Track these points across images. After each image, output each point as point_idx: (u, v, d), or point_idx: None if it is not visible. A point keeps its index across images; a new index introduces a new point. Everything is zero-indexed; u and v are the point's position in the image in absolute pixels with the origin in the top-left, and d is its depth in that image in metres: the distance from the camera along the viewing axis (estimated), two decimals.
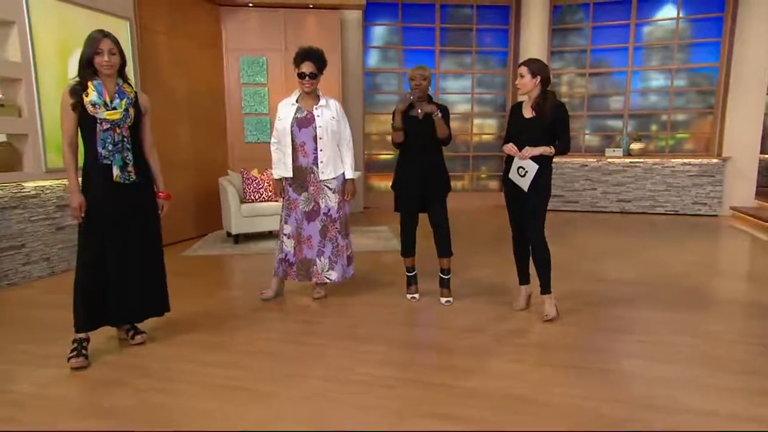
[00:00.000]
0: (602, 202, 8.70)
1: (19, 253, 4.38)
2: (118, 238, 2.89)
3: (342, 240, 3.92)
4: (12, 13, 4.31)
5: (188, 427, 2.22)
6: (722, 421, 2.24)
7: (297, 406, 2.41)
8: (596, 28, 9.03)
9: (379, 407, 2.38)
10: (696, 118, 8.87)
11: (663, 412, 2.32)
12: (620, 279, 4.56)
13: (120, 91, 2.86)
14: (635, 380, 2.66)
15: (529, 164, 3.35)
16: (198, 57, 6.61)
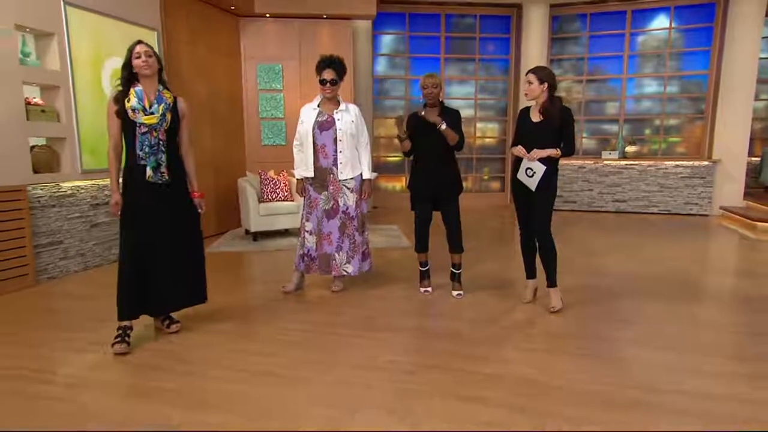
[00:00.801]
0: (599, 202, 8.76)
1: (57, 248, 4.45)
2: (155, 233, 2.95)
3: (359, 236, 3.97)
4: (52, 25, 4.38)
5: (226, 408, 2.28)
6: (720, 403, 2.30)
7: (328, 390, 2.46)
8: (593, 37, 9.09)
9: (404, 390, 2.44)
10: (687, 122, 8.93)
11: (665, 394, 2.38)
12: (619, 274, 4.62)
13: (159, 96, 2.93)
14: (637, 365, 2.71)
15: (537, 165, 3.42)
16: (218, 65, 6.69)
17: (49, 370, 2.71)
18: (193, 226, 3.16)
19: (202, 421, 2.16)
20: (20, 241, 4.10)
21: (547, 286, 3.58)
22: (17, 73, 4.13)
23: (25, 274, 4.15)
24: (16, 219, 4.06)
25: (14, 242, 4.06)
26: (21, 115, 4.15)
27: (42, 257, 4.32)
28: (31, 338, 3.14)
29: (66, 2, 4.46)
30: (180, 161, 3.09)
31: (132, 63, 2.87)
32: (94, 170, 4.74)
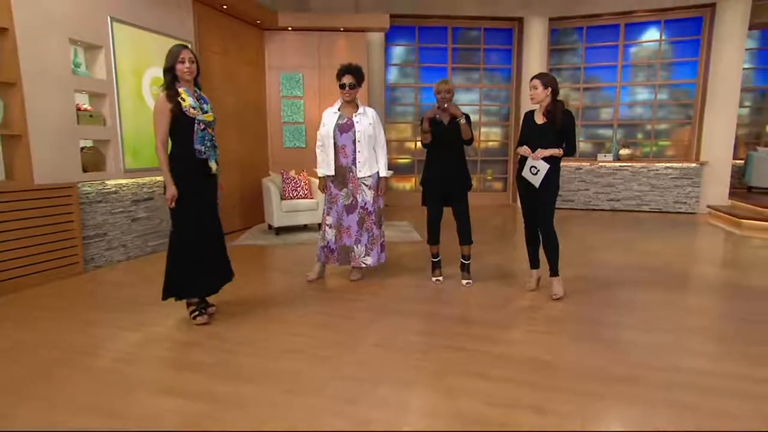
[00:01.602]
0: (594, 201, 8.77)
1: (102, 240, 4.56)
2: (208, 219, 3.01)
3: (376, 230, 4.02)
4: (100, 39, 4.50)
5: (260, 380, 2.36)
6: (708, 378, 2.35)
7: (350, 366, 2.52)
8: (589, 48, 9.10)
9: (420, 368, 2.50)
10: (676, 127, 8.92)
11: (663, 371, 2.43)
12: (615, 265, 4.65)
13: (201, 97, 2.95)
14: (634, 346, 2.75)
15: (541, 164, 3.47)
16: (244, 73, 6.77)
17: (99, 345, 2.80)
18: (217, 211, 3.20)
19: (240, 392, 2.24)
20: (71, 233, 4.21)
21: (550, 276, 3.62)
22: (70, 82, 4.24)
23: (76, 263, 4.26)
24: (67, 213, 4.17)
25: (66, 234, 4.17)
26: (72, 119, 4.26)
27: (89, 248, 4.43)
28: (82, 319, 3.23)
29: (112, 18, 4.57)
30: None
31: (176, 67, 2.84)
32: (135, 170, 4.85)
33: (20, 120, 3.88)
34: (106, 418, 2.01)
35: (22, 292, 3.76)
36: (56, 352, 2.68)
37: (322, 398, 2.18)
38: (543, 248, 3.65)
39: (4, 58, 3.79)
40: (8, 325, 3.10)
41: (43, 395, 2.21)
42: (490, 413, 2.05)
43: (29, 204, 3.91)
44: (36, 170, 3.97)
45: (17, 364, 2.54)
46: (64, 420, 2.00)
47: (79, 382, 2.34)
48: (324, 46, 7.34)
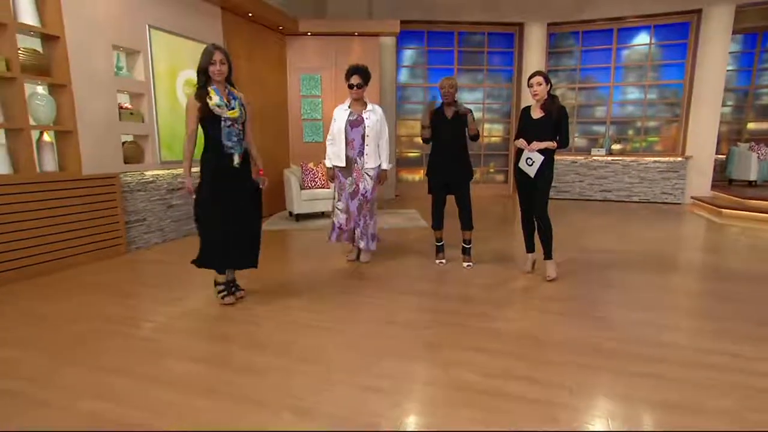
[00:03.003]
0: (588, 192, 8.62)
1: (142, 224, 4.61)
2: (232, 206, 2.89)
3: (369, 218, 3.96)
4: (139, 45, 4.51)
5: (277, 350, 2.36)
6: (688, 352, 2.30)
7: (359, 340, 2.51)
8: (584, 51, 8.86)
9: (422, 342, 2.47)
10: (664, 124, 8.68)
11: (647, 345, 2.38)
12: (606, 250, 4.57)
13: (231, 94, 2.84)
14: (620, 322, 2.70)
15: (536, 156, 3.40)
16: (268, 75, 6.74)
17: (139, 317, 2.83)
18: (256, 202, 3.07)
19: (258, 361, 2.25)
20: (114, 218, 4.26)
21: (544, 259, 3.56)
22: (113, 84, 4.26)
23: (119, 244, 4.32)
24: (111, 200, 4.22)
25: (110, 219, 4.23)
26: (115, 117, 4.29)
27: (131, 231, 4.48)
28: (125, 294, 3.27)
29: (150, 26, 4.56)
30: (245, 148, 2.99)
31: (208, 68, 2.76)
32: (170, 161, 4.87)
33: (70, 118, 3.91)
34: (138, 381, 2.03)
35: (73, 270, 3.82)
36: (98, 322, 2.72)
37: (333, 368, 2.18)
38: (538, 233, 3.58)
39: (57, 63, 3.81)
40: (57, 298, 3.16)
41: (83, 360, 2.24)
42: (484, 383, 2.03)
43: (79, 192, 3.95)
44: (84, 162, 4.01)
45: (61, 332, 2.58)
46: (101, 380, 2.03)
47: (118, 349, 2.37)
48: (340, 49, 7.26)
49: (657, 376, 2.08)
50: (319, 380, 2.06)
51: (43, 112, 3.73)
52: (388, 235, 5.30)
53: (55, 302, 3.07)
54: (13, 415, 1.79)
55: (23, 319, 2.79)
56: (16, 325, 2.70)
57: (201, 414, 1.80)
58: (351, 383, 2.03)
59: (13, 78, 3.50)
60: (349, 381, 2.05)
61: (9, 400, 1.89)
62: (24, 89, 3.58)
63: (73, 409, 1.83)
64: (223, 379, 2.06)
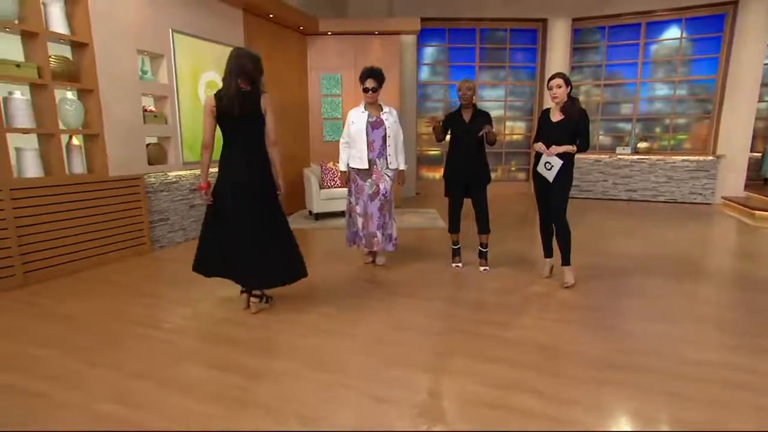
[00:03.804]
0: (612, 192, 8.37)
1: (165, 223, 4.72)
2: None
3: (388, 219, 3.93)
4: (163, 49, 4.59)
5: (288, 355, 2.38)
6: (710, 368, 2.20)
7: (369, 346, 2.50)
8: (611, 46, 8.58)
9: (434, 349, 2.46)
10: (694, 122, 8.33)
11: (666, 360, 2.29)
12: (628, 254, 4.42)
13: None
14: (640, 335, 2.61)
15: (555, 160, 3.31)
16: (289, 75, 6.77)
17: (159, 318, 2.89)
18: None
19: (271, 367, 2.27)
20: (139, 218, 4.38)
21: (562, 265, 3.48)
22: (138, 87, 4.36)
23: (143, 243, 4.44)
24: (136, 201, 4.34)
25: (135, 219, 4.35)
26: (140, 119, 4.39)
27: (155, 230, 4.59)
28: (146, 294, 3.36)
29: (173, 30, 4.64)
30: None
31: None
32: (192, 162, 4.96)
33: (97, 121, 4.02)
34: (158, 385, 2.08)
35: (100, 269, 3.95)
36: (121, 323, 2.80)
37: (342, 375, 2.18)
38: (556, 239, 3.50)
39: (86, 69, 3.92)
40: (83, 297, 3.27)
41: (105, 361, 2.31)
42: (494, 395, 1.99)
43: (105, 193, 4.08)
44: (110, 164, 4.13)
45: (89, 332, 2.67)
46: (121, 383, 2.09)
47: (138, 351, 2.44)
48: (360, 48, 7.23)
49: (675, 393, 2.00)
50: (327, 387, 2.06)
51: (72, 117, 3.86)
52: (406, 235, 5.28)
53: (82, 301, 3.18)
54: (37, 415, 1.87)
55: (51, 317, 2.90)
56: (45, 323, 2.81)
57: (211, 420, 1.83)
58: (359, 391, 2.03)
59: (44, 85, 3.63)
60: (358, 388, 2.05)
61: (36, 401, 1.97)
62: (54, 95, 3.70)
63: (92, 411, 1.89)
64: (235, 384, 2.09)
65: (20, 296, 3.28)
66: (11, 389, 2.06)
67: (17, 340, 2.57)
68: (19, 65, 3.47)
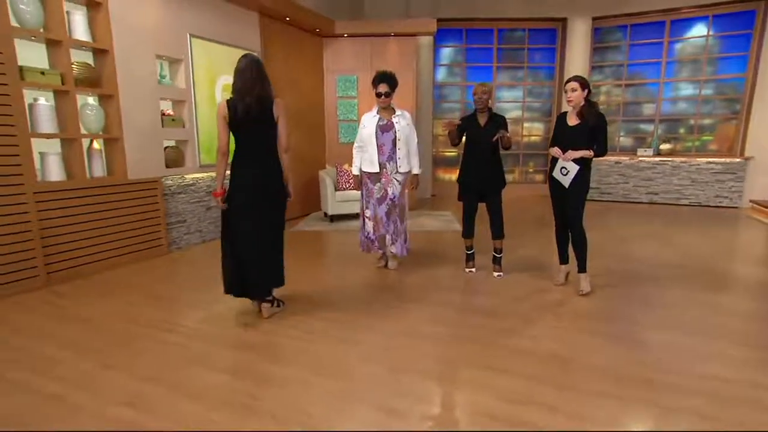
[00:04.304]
0: (633, 194, 8.16)
1: (182, 225, 4.79)
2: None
3: (400, 224, 3.90)
4: (181, 53, 4.67)
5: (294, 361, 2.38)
6: (727, 385, 2.10)
7: (376, 352, 2.48)
8: (633, 45, 8.35)
9: (444, 358, 2.42)
10: (721, 122, 8.03)
11: (685, 375, 2.20)
12: (649, 260, 4.29)
13: None
14: (654, 347, 2.52)
15: (571, 165, 3.24)
16: (305, 77, 6.80)
17: (172, 321, 2.92)
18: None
19: (279, 372, 2.27)
20: (157, 220, 4.46)
21: (578, 272, 3.40)
22: (156, 92, 4.44)
23: (161, 245, 4.52)
24: (154, 203, 4.42)
25: (153, 221, 4.43)
26: (158, 123, 4.48)
27: (172, 232, 4.67)
28: (161, 296, 3.41)
29: (191, 35, 4.72)
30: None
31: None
32: (208, 165, 5.03)
33: (117, 125, 4.11)
34: (168, 389, 2.11)
35: (118, 270, 4.04)
36: (135, 325, 2.85)
37: (350, 383, 2.17)
38: (572, 245, 3.42)
39: (106, 75, 4.02)
40: (102, 299, 3.34)
41: (119, 364, 2.35)
42: (502, 408, 1.95)
43: (124, 196, 4.16)
44: (129, 167, 4.21)
45: (104, 334, 2.73)
46: (133, 387, 2.12)
47: (151, 354, 2.47)
48: (376, 50, 7.23)
49: (693, 411, 1.93)
50: (335, 396, 2.05)
51: (93, 122, 3.95)
52: (420, 238, 5.25)
53: (99, 303, 3.25)
54: (50, 416, 1.91)
55: (69, 318, 2.97)
56: (63, 324, 2.88)
57: (218, 427, 1.84)
58: (366, 401, 2.02)
59: (67, 91, 3.72)
60: (365, 398, 2.04)
61: (50, 402, 2.01)
62: (76, 101, 3.79)
63: (104, 415, 1.92)
64: (244, 390, 2.10)
65: (43, 296, 3.38)
66: (27, 389, 2.11)
67: (36, 340, 2.64)
68: (43, 72, 3.57)
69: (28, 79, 3.46)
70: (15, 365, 2.35)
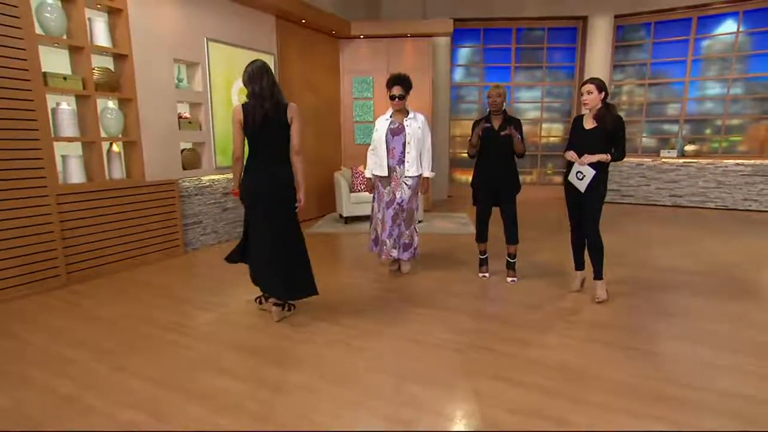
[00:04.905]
0: (655, 197, 7.93)
1: (198, 226, 4.87)
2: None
3: (405, 228, 3.86)
4: (198, 57, 4.75)
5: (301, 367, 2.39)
6: (750, 404, 2.01)
7: (384, 360, 2.46)
8: (657, 43, 8.12)
9: (452, 367, 2.39)
10: (751, 122, 7.74)
11: (701, 392, 2.11)
12: (670, 267, 4.15)
13: None
14: (672, 359, 2.44)
15: (587, 169, 3.16)
16: (321, 78, 6.82)
17: (184, 323, 2.96)
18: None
19: (285, 378, 2.27)
20: (174, 221, 4.54)
21: (594, 278, 3.31)
22: (174, 95, 4.52)
23: (177, 246, 4.60)
24: (171, 205, 4.50)
25: (170, 222, 4.51)
26: (175, 126, 4.55)
27: (188, 233, 4.75)
28: (175, 297, 3.46)
29: (208, 39, 4.79)
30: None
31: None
32: (224, 167, 5.10)
33: (135, 128, 4.20)
34: (175, 393, 2.13)
35: (135, 270, 4.12)
36: (149, 326, 2.91)
37: (356, 391, 2.16)
38: (587, 252, 3.34)
39: (125, 79, 4.11)
40: (117, 300, 3.42)
41: (130, 366, 2.40)
42: (510, 421, 1.91)
43: (142, 197, 4.25)
44: (147, 169, 4.30)
45: (118, 335, 2.79)
46: (143, 390, 2.16)
47: (162, 356, 2.51)
48: (392, 51, 7.20)
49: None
50: (340, 404, 2.05)
51: (112, 125, 4.04)
52: (434, 240, 5.21)
53: (115, 304, 3.32)
54: (66, 419, 1.96)
55: (87, 318, 3.05)
56: (81, 323, 2.96)
57: None
58: (372, 410, 2.00)
59: (88, 96, 3.82)
60: (371, 407, 2.02)
61: (64, 404, 2.06)
62: (97, 105, 3.89)
63: (114, 417, 1.96)
64: (251, 395, 2.12)
65: (63, 295, 3.48)
66: (45, 389, 2.17)
67: (54, 339, 2.72)
68: (65, 78, 3.67)
69: (51, 84, 3.57)
70: (33, 364, 2.42)
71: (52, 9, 3.55)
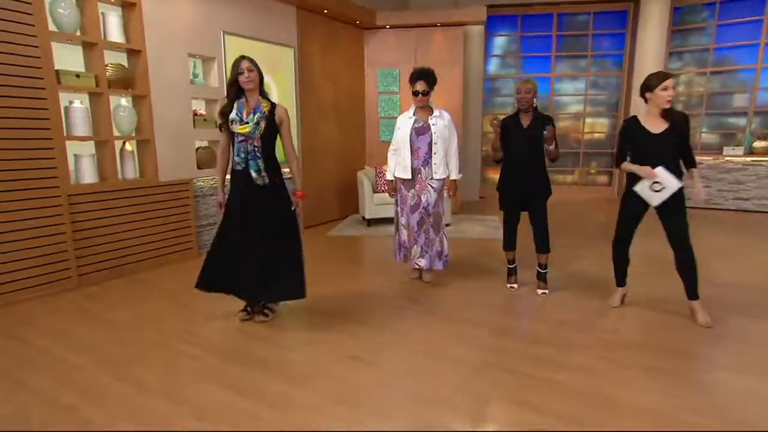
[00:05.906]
0: (717, 200, 7.50)
1: (212, 228, 4.92)
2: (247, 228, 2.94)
3: (433, 234, 3.80)
4: (214, 52, 4.85)
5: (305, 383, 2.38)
6: None
7: (400, 378, 2.43)
8: (721, 26, 7.68)
9: (468, 388, 2.32)
10: None
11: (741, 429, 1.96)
12: (732, 282, 3.89)
13: (257, 106, 2.84)
14: (719, 391, 2.29)
15: (670, 181, 2.90)
16: (344, 71, 6.84)
17: (190, 331, 3.03)
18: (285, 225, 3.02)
19: (287, 394, 2.27)
20: (187, 222, 4.67)
21: (689, 299, 3.09)
22: (188, 91, 4.64)
23: (191, 248, 4.72)
24: (185, 205, 4.62)
25: (184, 223, 4.63)
26: (190, 124, 4.67)
27: (202, 235, 4.87)
28: (184, 303, 3.54)
29: (224, 32, 4.88)
30: (277, 165, 2.97)
31: (238, 79, 2.83)
32: None
33: (148, 126, 4.34)
34: (176, 406, 2.18)
35: (147, 273, 4.26)
36: (154, 333, 3.00)
37: (363, 412, 2.13)
38: (678, 269, 3.10)
39: (139, 76, 4.24)
40: (126, 304, 3.53)
41: (132, 376, 2.46)
42: None
43: (156, 198, 4.39)
44: (160, 169, 4.43)
45: (122, 342, 2.88)
46: (144, 402, 2.21)
47: (165, 366, 2.57)
48: (421, 41, 7.15)
49: None
50: (344, 425, 2.03)
51: (125, 123, 4.19)
52: (462, 246, 5.12)
53: (125, 308, 3.44)
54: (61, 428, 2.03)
55: (95, 322, 3.17)
56: (89, 328, 3.07)
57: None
58: None
59: (100, 93, 3.97)
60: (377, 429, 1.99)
61: (66, 415, 2.14)
62: (109, 103, 4.04)
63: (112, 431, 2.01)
64: (251, 411, 2.13)
65: (74, 298, 3.63)
66: (44, 397, 2.26)
67: (60, 344, 2.83)
68: (78, 75, 3.83)
69: (64, 82, 3.73)
70: (36, 370, 2.52)
71: (66, 4, 3.71)
